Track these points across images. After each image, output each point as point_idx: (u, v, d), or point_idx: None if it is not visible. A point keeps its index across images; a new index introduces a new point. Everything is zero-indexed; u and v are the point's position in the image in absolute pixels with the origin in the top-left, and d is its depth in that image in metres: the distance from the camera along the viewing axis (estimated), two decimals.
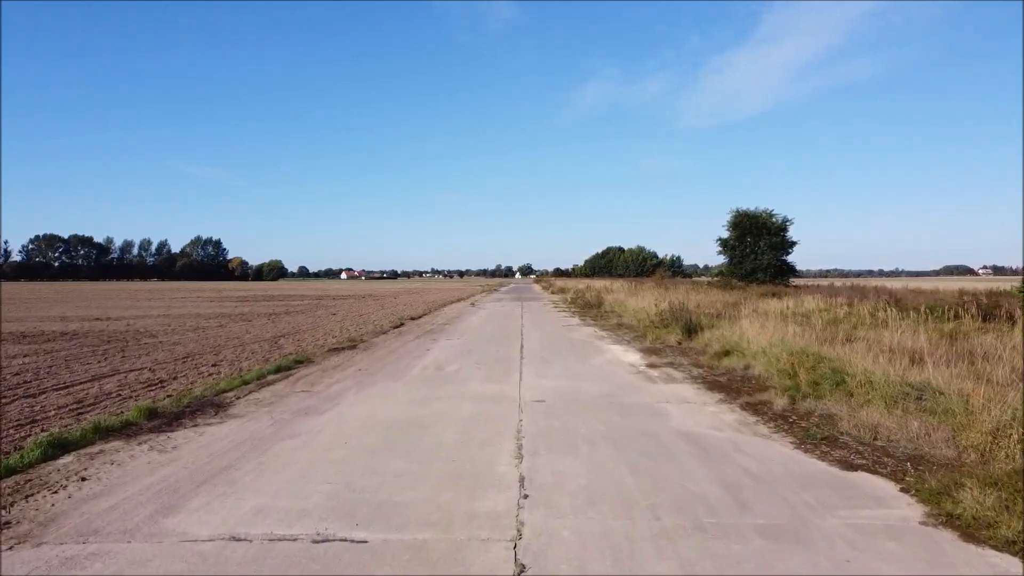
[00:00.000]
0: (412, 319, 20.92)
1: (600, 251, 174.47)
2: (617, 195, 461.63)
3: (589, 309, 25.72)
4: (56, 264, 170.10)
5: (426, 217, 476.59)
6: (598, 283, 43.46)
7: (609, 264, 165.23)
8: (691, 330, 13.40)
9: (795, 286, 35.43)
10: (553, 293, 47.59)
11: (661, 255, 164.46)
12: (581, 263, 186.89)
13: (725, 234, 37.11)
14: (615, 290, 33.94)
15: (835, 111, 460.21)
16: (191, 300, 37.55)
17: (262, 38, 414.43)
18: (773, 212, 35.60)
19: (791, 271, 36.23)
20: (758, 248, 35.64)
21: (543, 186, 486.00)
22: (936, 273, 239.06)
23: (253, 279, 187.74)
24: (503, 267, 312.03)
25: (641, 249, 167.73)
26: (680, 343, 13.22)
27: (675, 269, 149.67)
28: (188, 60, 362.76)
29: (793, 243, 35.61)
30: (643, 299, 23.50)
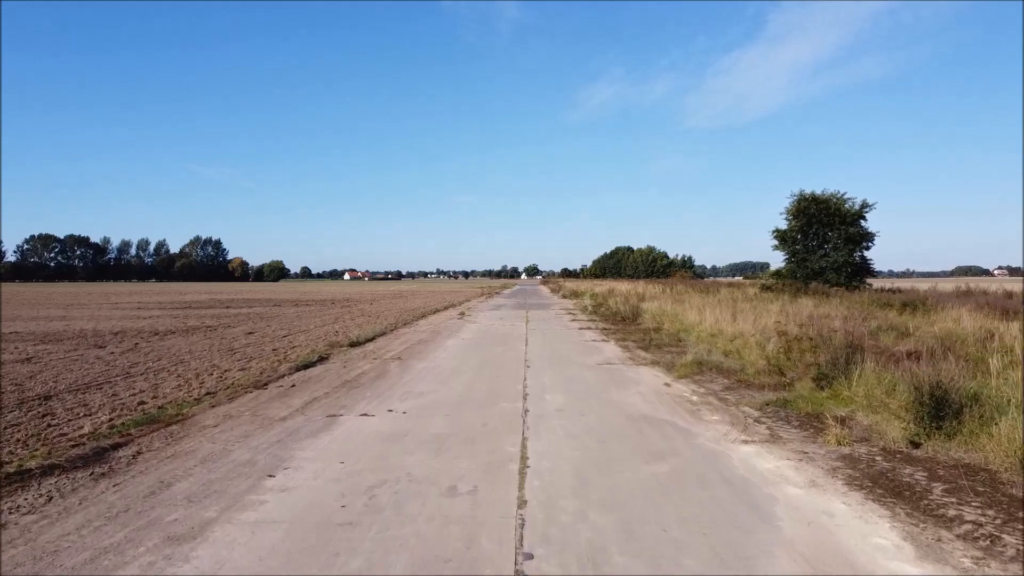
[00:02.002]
0: (354, 345, 13.04)
1: (608, 251, 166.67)
2: (623, 196, 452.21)
3: (625, 326, 17.70)
4: (52, 264, 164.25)
5: (432, 218, 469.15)
6: (621, 285, 35.54)
7: (618, 264, 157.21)
8: (939, 408, 5.41)
9: (877, 289, 27.34)
10: (565, 297, 39.53)
11: (669, 255, 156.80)
12: (588, 264, 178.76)
13: (783, 224, 29.08)
14: (648, 295, 25.91)
15: (843, 111, 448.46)
16: (121, 308, 29.83)
17: (269, 37, 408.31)
18: (846, 196, 27.52)
19: (868, 271, 28.08)
20: (828, 241, 27.58)
21: (549, 186, 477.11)
22: (951, 274, 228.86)
23: (254, 280, 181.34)
24: (508, 268, 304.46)
25: (651, 249, 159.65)
26: (916, 443, 5.26)
27: (687, 270, 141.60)
28: (192, 59, 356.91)
29: (872, 235, 27.46)
30: (709, 312, 15.52)
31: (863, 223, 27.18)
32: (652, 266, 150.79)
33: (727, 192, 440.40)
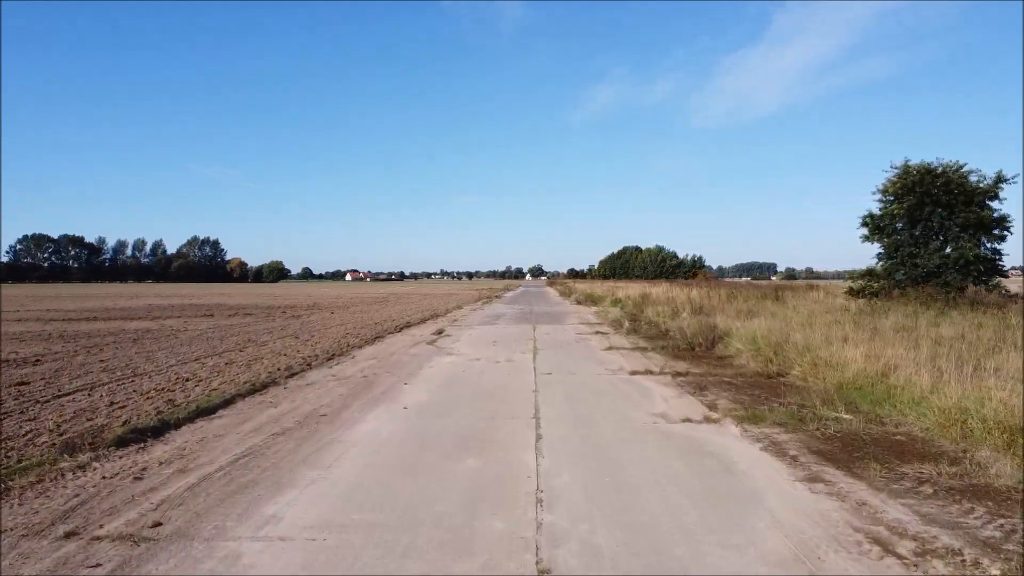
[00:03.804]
0: (120, 445, 5.51)
1: (616, 251, 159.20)
2: (627, 195, 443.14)
3: (711, 367, 9.95)
4: (45, 265, 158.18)
5: (436, 218, 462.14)
6: (653, 288, 27.80)
7: (625, 265, 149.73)
8: None
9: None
10: (580, 303, 31.80)
11: (679, 255, 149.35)
12: (595, 263, 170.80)
13: (875, 207, 21.27)
14: (710, 305, 18.18)
15: (848, 111, 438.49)
16: (24, 319, 22.39)
17: (270, 36, 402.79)
18: (966, 167, 19.76)
19: (997, 269, 20.24)
20: (947, 228, 19.82)
21: (553, 186, 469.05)
22: None
23: (252, 281, 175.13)
24: (513, 268, 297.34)
25: (660, 249, 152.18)
26: None
27: (697, 271, 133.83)
28: (192, 58, 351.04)
29: (1008, 220, 19.60)
30: (891, 350, 7.91)
31: (995, 204, 19.44)
32: (661, 266, 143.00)
33: (731, 192, 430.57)
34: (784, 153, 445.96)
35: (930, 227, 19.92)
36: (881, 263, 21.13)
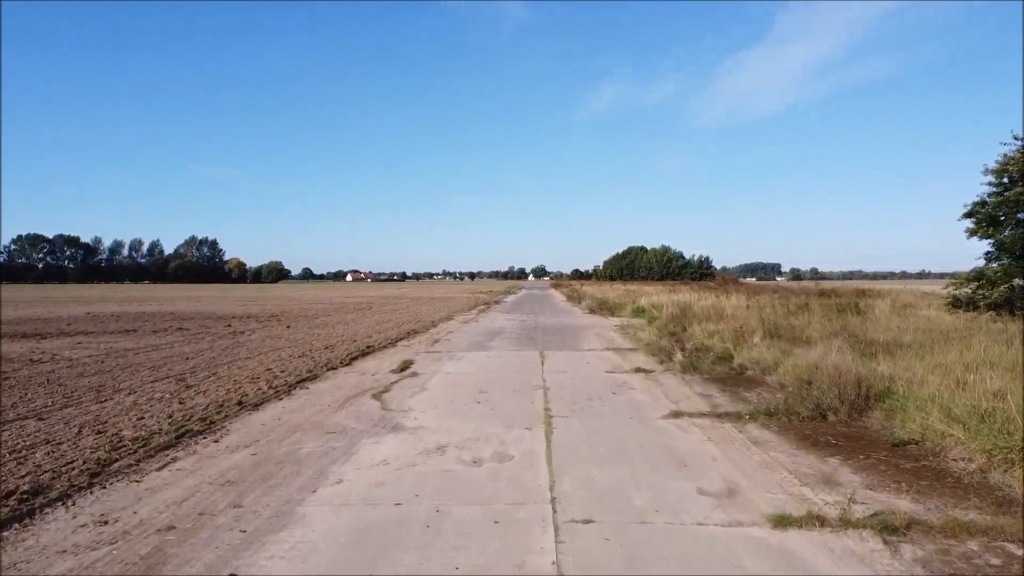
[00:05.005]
0: None
1: (621, 251, 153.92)
2: (628, 196, 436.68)
3: (930, 490, 4.71)
4: (40, 266, 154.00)
5: (438, 218, 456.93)
6: (680, 294, 22.47)
7: (631, 265, 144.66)
8: None
9: None
10: (592, 312, 26.53)
11: (684, 256, 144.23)
12: (598, 264, 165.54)
13: (986, 192, 16.08)
14: (787, 325, 12.97)
15: (848, 111, 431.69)
16: None
17: (270, 36, 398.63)
18: None
19: None
20: None
21: (554, 187, 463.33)
22: None
23: (252, 281, 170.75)
24: (516, 269, 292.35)
25: (666, 249, 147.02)
26: None
27: (704, 271, 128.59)
28: (192, 58, 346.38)
29: None
30: None
31: None
32: (667, 267, 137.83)
33: (733, 192, 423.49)
34: (785, 153, 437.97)
35: None
36: (997, 264, 15.95)
